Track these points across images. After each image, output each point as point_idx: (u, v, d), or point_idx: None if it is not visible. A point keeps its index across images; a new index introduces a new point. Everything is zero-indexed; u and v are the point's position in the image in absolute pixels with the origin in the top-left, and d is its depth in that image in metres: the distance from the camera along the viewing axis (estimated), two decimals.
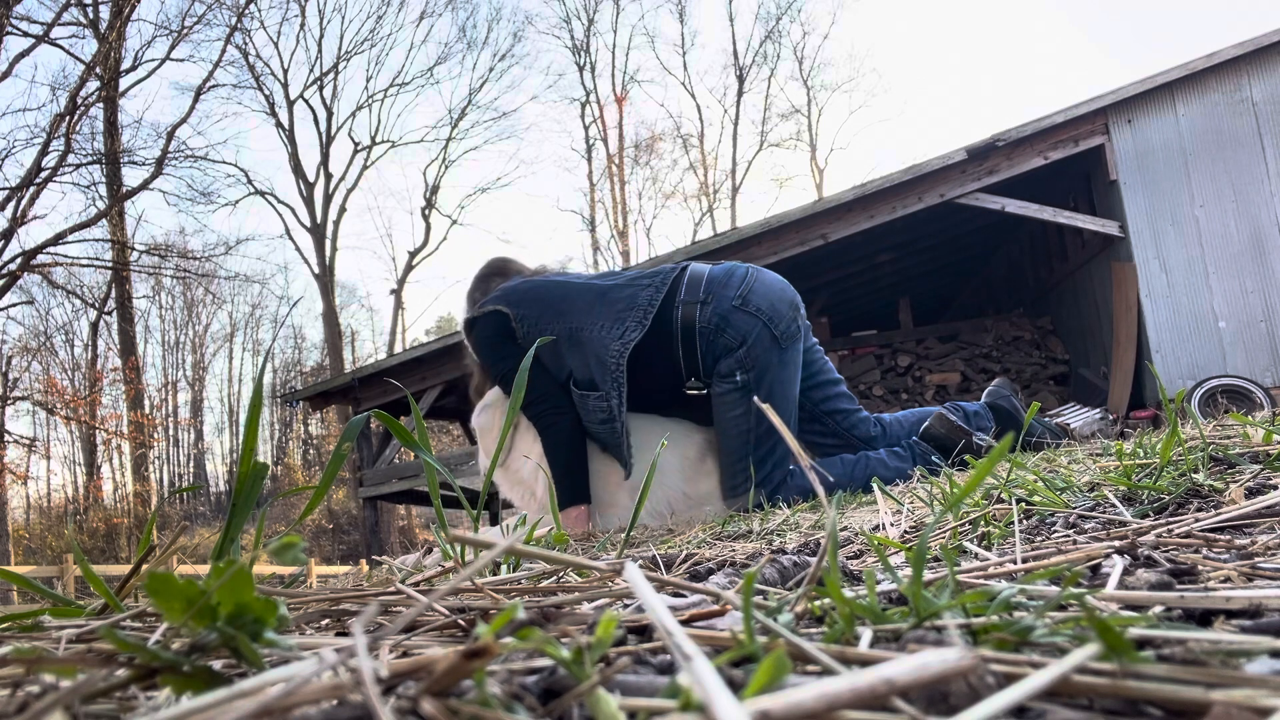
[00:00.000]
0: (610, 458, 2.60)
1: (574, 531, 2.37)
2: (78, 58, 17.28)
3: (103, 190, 18.05)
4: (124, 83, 18.69)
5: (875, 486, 1.40)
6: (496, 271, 2.97)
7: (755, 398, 1.84)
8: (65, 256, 17.00)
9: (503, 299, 2.69)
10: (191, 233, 31.84)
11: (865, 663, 0.40)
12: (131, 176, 19.63)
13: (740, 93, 28.32)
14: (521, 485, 2.69)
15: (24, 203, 15.72)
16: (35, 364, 21.75)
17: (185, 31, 19.47)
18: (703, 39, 68.86)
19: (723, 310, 2.49)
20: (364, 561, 9.70)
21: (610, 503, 2.56)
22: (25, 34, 16.22)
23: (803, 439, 2.84)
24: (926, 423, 2.70)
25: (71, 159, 16.58)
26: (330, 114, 25.66)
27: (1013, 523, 0.91)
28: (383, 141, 26.41)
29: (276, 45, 29.35)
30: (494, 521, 9.87)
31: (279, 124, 25.14)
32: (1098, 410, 6.94)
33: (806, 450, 2.85)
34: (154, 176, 18.53)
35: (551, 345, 2.61)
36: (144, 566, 0.84)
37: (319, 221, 24.89)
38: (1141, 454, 1.32)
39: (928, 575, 0.63)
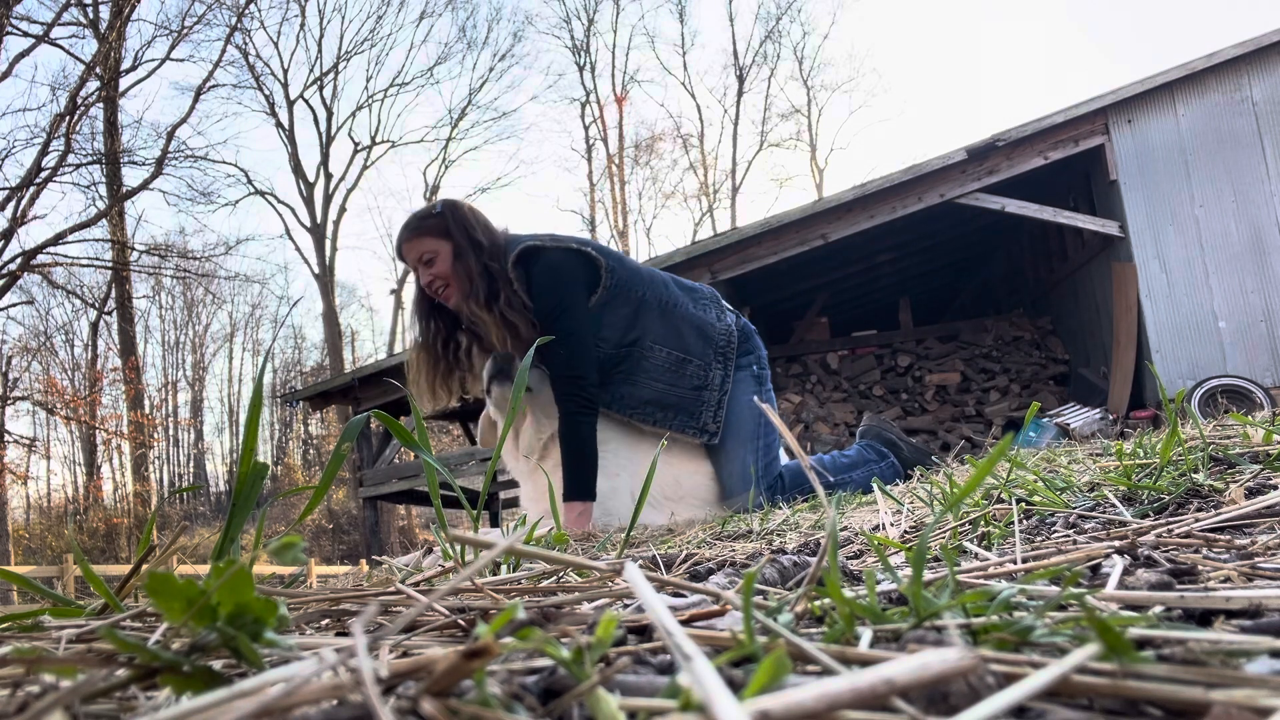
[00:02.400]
0: (609, 457, 2.61)
1: (576, 528, 2.37)
2: (78, 58, 17.29)
3: (103, 190, 18.05)
4: (124, 83, 18.69)
5: (875, 486, 1.40)
6: (486, 219, 2.73)
7: (757, 398, 1.87)
8: (65, 256, 17.01)
9: (588, 245, 2.62)
10: (191, 233, 31.84)
11: (865, 663, 0.40)
12: (131, 176, 19.64)
13: (740, 93, 28.32)
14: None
15: (24, 203, 15.71)
16: (35, 364, 21.76)
17: (185, 31, 19.47)
18: (703, 39, 68.83)
19: (745, 328, 2.88)
20: (364, 561, 9.69)
21: (610, 495, 2.57)
22: (25, 34, 16.22)
23: None
24: (863, 427, 3.06)
25: (71, 159, 16.58)
26: (330, 114, 25.66)
27: (1013, 523, 0.91)
28: (383, 141, 26.42)
29: (276, 45, 29.37)
30: (494, 522, 9.87)
31: (279, 124, 25.15)
32: (1098, 410, 6.91)
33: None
34: (154, 176, 18.53)
35: (624, 306, 2.60)
36: (144, 566, 0.84)
37: (319, 221, 24.88)
38: (1141, 454, 1.32)
39: (928, 575, 0.63)
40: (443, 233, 2.61)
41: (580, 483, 2.46)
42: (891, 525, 1.20)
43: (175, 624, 0.45)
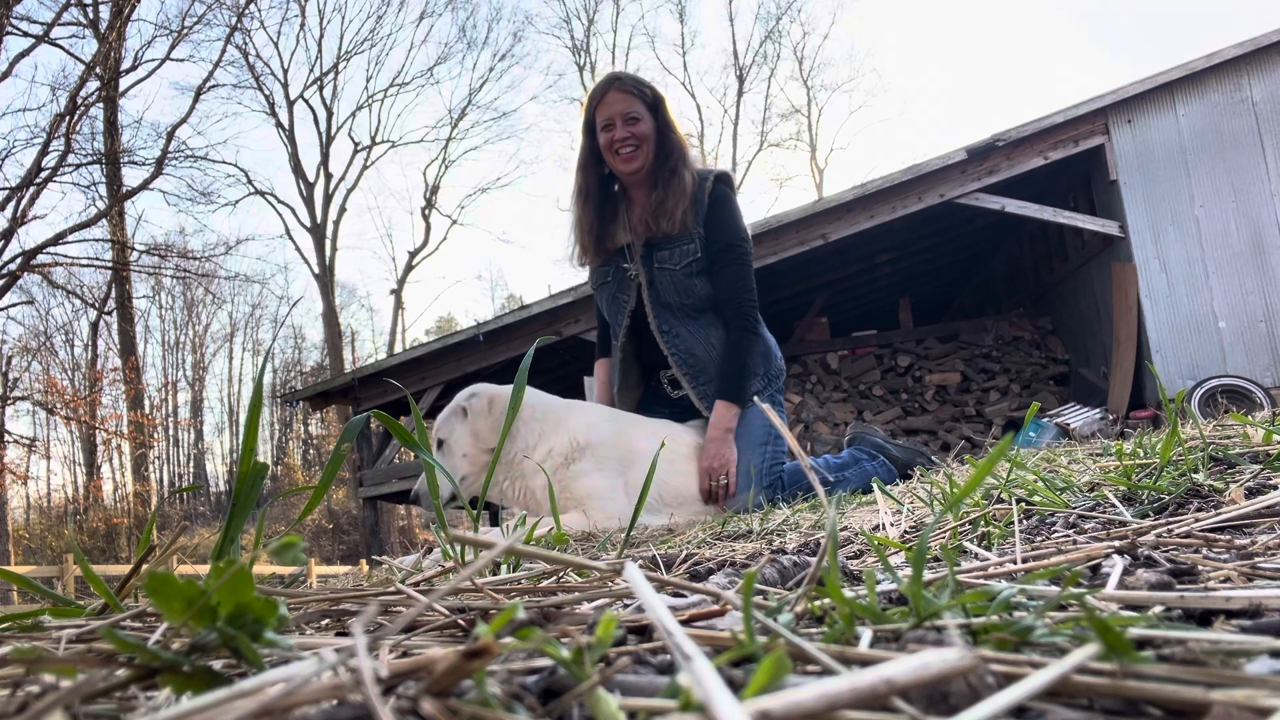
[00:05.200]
0: (602, 455, 2.63)
1: (728, 426, 2.68)
2: (78, 58, 17.27)
3: (103, 190, 18.03)
4: (124, 83, 18.68)
5: (875, 486, 1.40)
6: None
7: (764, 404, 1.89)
8: (65, 256, 16.98)
9: None
10: (191, 233, 31.78)
11: (865, 663, 0.40)
12: (131, 176, 19.62)
13: (740, 93, 28.32)
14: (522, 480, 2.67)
15: (24, 203, 15.70)
16: (35, 364, 21.74)
17: (185, 31, 19.46)
18: (703, 39, 68.98)
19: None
20: (364, 561, 9.69)
21: (609, 494, 2.57)
22: (25, 34, 16.20)
23: None
24: (849, 435, 3.15)
25: (71, 159, 16.55)
26: (330, 114, 25.66)
27: (1013, 523, 0.91)
28: (383, 141, 26.43)
29: (276, 45, 29.43)
30: (494, 522, 9.88)
31: (279, 124, 25.15)
32: (1098, 410, 6.91)
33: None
34: (154, 176, 18.51)
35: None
36: (144, 566, 0.84)
37: (319, 221, 24.88)
38: (1141, 454, 1.32)
39: (928, 575, 0.63)
40: (653, 109, 2.78)
41: (740, 389, 2.73)
42: (891, 525, 1.20)
43: (175, 624, 0.45)
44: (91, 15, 17.80)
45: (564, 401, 2.78)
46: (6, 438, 16.83)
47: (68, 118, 16.07)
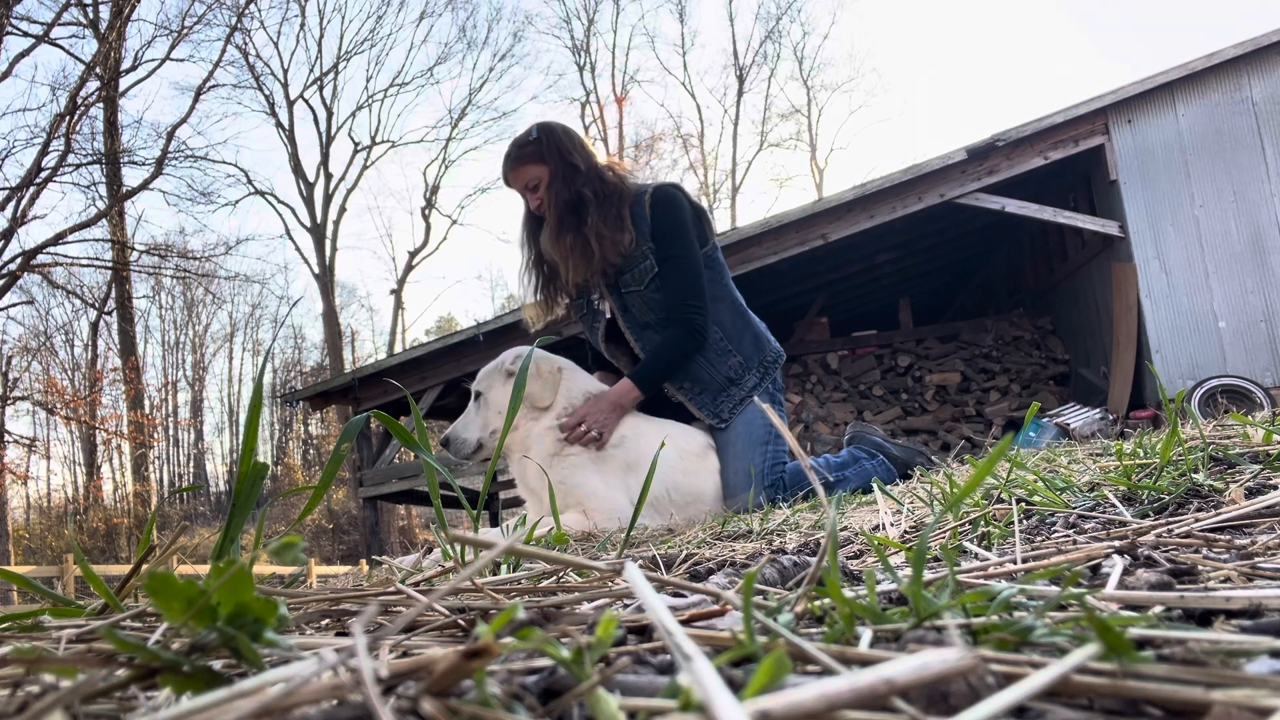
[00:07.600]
0: (606, 455, 2.62)
1: (623, 399, 2.62)
2: (78, 58, 17.28)
3: (103, 190, 18.03)
4: (124, 83, 18.69)
5: (875, 486, 1.40)
6: (580, 138, 2.94)
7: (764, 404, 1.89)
8: (65, 256, 16.99)
9: (707, 215, 2.90)
10: (191, 233, 31.85)
11: (865, 663, 0.40)
12: (131, 176, 19.63)
13: (740, 93, 28.32)
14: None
15: (24, 203, 15.70)
16: (35, 364, 21.75)
17: (185, 31, 19.47)
18: (703, 39, 68.91)
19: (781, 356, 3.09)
20: (364, 561, 9.69)
21: (609, 493, 2.57)
22: (25, 34, 16.21)
23: None
24: (849, 434, 3.12)
25: (71, 159, 16.56)
26: (330, 114, 25.66)
27: (1013, 523, 0.91)
28: (383, 141, 26.43)
29: (276, 45, 29.43)
30: (494, 522, 9.87)
31: (279, 124, 25.15)
32: (1098, 410, 6.90)
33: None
34: (154, 176, 18.51)
35: (710, 284, 2.79)
36: (144, 566, 0.84)
37: (319, 221, 24.88)
38: (1141, 454, 1.32)
39: (928, 575, 0.63)
40: (539, 158, 2.78)
41: (648, 381, 2.68)
42: (891, 525, 1.20)
43: (175, 624, 0.45)
44: (91, 15, 17.80)
45: (592, 390, 2.76)
46: (6, 438, 16.83)
47: (68, 118, 16.07)
